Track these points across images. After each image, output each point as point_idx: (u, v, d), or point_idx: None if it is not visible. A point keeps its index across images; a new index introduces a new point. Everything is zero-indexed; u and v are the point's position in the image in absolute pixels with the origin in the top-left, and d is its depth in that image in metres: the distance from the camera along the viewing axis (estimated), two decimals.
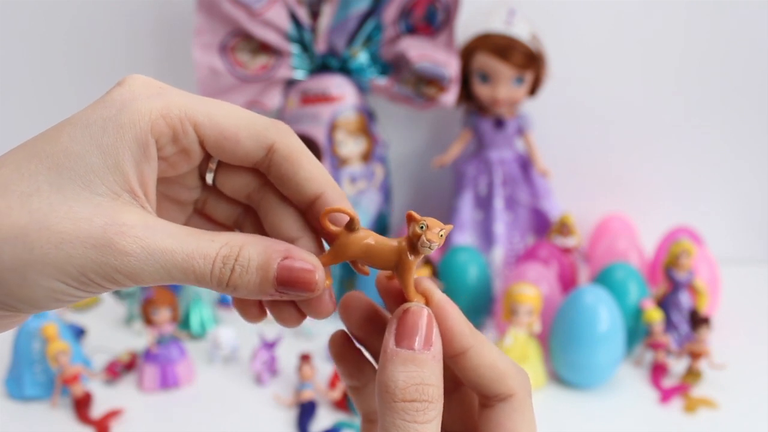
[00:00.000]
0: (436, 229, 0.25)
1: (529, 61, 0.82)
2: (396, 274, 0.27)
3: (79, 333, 0.77)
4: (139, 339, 0.77)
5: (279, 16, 0.80)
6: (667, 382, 0.70)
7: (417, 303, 0.27)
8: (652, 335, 0.71)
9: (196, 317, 0.80)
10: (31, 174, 0.23)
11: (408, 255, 0.26)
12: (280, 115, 0.85)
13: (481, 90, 0.84)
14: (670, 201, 0.98)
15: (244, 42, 0.81)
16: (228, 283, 0.25)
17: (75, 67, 0.92)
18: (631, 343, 0.73)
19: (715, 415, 0.65)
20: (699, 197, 0.98)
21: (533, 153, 0.88)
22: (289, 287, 0.25)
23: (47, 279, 0.23)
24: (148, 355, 0.69)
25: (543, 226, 0.89)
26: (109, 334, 0.80)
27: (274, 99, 0.83)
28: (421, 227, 0.25)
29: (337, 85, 0.82)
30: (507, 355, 0.28)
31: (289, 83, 0.84)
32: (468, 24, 0.85)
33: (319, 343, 0.77)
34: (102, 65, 0.92)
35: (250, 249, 0.25)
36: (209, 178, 0.29)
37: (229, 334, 0.74)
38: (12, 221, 0.23)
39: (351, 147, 0.83)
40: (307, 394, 0.65)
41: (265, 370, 0.70)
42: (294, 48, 0.82)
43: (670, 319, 0.75)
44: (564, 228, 0.85)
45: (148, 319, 0.70)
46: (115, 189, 0.24)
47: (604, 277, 0.76)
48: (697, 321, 0.70)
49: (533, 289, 0.69)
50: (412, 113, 0.94)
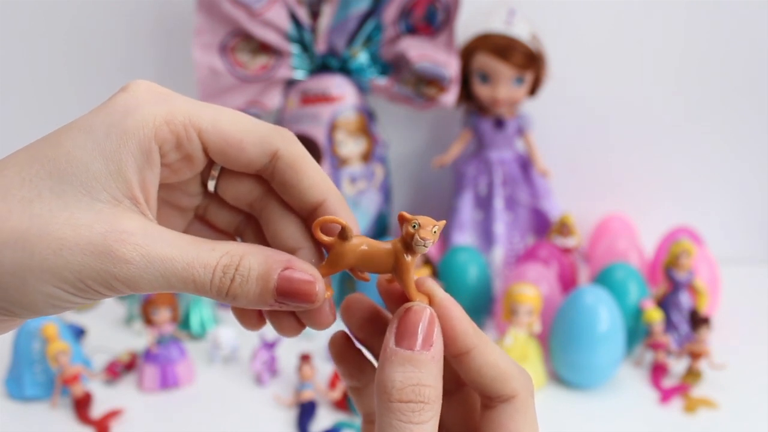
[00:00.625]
0: (428, 227, 0.25)
1: (529, 61, 0.82)
2: (395, 276, 0.27)
3: (79, 333, 0.77)
4: (139, 339, 0.77)
5: (279, 16, 0.80)
6: (667, 382, 0.70)
7: (420, 303, 0.26)
8: (652, 335, 0.71)
9: (196, 317, 0.80)
10: (32, 178, 0.23)
11: (404, 256, 0.26)
12: (280, 115, 0.85)
13: (481, 90, 0.84)
14: (670, 201, 0.98)
15: (244, 42, 0.81)
16: (228, 292, 0.25)
17: (75, 67, 0.92)
18: (631, 343, 0.73)
19: (715, 415, 0.65)
20: (699, 197, 0.98)
21: (533, 153, 0.88)
22: (289, 298, 0.25)
23: (45, 285, 0.23)
24: (148, 355, 0.69)
25: (543, 226, 0.89)
26: (109, 334, 0.80)
27: (274, 99, 0.83)
28: (414, 226, 0.25)
29: (337, 85, 0.82)
30: (510, 356, 0.28)
31: (289, 83, 0.84)
32: (468, 24, 0.85)
33: (319, 343, 0.77)
34: (102, 65, 0.92)
35: (251, 259, 0.25)
36: (211, 185, 0.29)
37: (229, 334, 0.74)
38: (12, 225, 0.23)
39: (351, 147, 0.83)
40: (307, 394, 0.65)
41: (265, 370, 0.70)
42: (294, 48, 0.82)
43: (670, 319, 0.75)
44: (564, 228, 0.85)
45: (148, 319, 0.70)
46: (116, 195, 0.24)
47: (604, 277, 0.76)
48: (697, 321, 0.70)
49: (533, 289, 0.69)
50: (412, 113, 0.94)
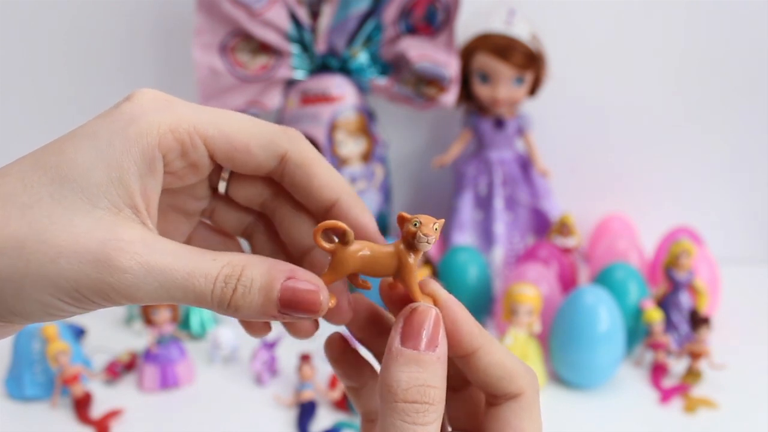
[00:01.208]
0: (430, 224, 0.25)
1: (529, 61, 0.82)
2: (399, 278, 0.26)
3: (79, 333, 0.77)
4: (139, 339, 0.77)
5: (279, 16, 0.80)
6: (667, 382, 0.70)
7: (425, 303, 0.26)
8: (652, 335, 0.71)
9: (196, 317, 0.80)
10: (33, 185, 0.23)
11: (407, 256, 0.26)
12: (280, 115, 0.85)
13: (481, 90, 0.84)
14: (670, 201, 0.98)
15: (244, 42, 0.81)
16: (229, 303, 0.24)
17: (75, 67, 0.92)
18: (631, 343, 0.73)
19: (715, 415, 0.65)
20: (699, 197, 0.98)
21: (533, 153, 0.88)
22: (293, 308, 0.25)
23: (41, 293, 0.22)
24: (148, 355, 0.69)
25: (543, 226, 0.89)
26: (109, 334, 0.80)
27: (274, 99, 0.83)
28: (415, 225, 0.25)
29: (337, 85, 0.82)
30: (515, 355, 0.28)
31: (289, 83, 0.84)
32: (468, 24, 0.85)
33: (319, 343, 0.76)
34: (101, 65, 0.92)
35: (253, 269, 0.24)
36: (222, 186, 0.28)
37: (229, 334, 0.74)
38: (10, 232, 0.22)
39: (351, 147, 0.83)
40: (307, 394, 0.65)
41: (265, 370, 0.70)
42: (294, 48, 0.82)
43: (670, 319, 0.75)
44: (564, 228, 0.85)
45: (148, 319, 0.70)
46: (117, 203, 0.24)
47: (604, 277, 0.76)
48: (697, 321, 0.70)
49: (533, 289, 0.69)
50: (412, 113, 0.94)
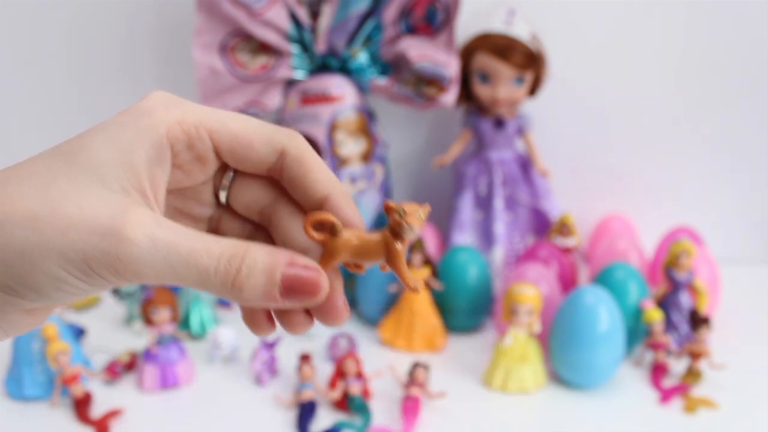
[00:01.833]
0: (414, 213, 0.26)
1: (529, 61, 0.82)
2: (388, 264, 0.27)
3: (79, 333, 0.77)
4: (139, 339, 0.77)
5: (279, 16, 0.80)
6: (667, 382, 0.70)
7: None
8: (652, 335, 0.71)
9: (196, 317, 0.80)
10: (51, 167, 0.25)
11: (394, 244, 0.27)
12: (280, 115, 0.85)
13: (481, 90, 0.84)
14: (670, 201, 0.98)
15: (244, 42, 0.81)
16: (233, 283, 0.25)
17: (75, 67, 0.92)
18: (631, 343, 0.73)
19: (715, 415, 0.65)
20: (699, 197, 0.98)
21: (533, 153, 0.88)
22: (295, 290, 0.25)
23: (51, 265, 0.23)
24: (148, 355, 0.69)
25: (543, 226, 0.89)
26: (109, 334, 0.80)
27: (274, 99, 0.83)
28: (400, 214, 0.26)
29: (337, 85, 0.82)
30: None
31: (289, 83, 0.84)
32: (468, 24, 0.85)
33: (319, 343, 0.77)
34: (101, 65, 0.92)
35: (257, 252, 0.25)
36: (222, 196, 0.30)
37: (229, 334, 0.74)
38: (25, 206, 0.23)
39: (351, 147, 0.83)
40: (307, 394, 0.65)
41: (265, 370, 0.70)
42: (294, 48, 0.82)
43: (670, 319, 0.75)
44: (564, 228, 0.85)
45: (148, 319, 0.70)
46: (125, 186, 0.25)
47: (604, 277, 0.76)
48: (697, 321, 0.70)
49: (533, 289, 0.69)
50: (412, 113, 0.94)
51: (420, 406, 0.64)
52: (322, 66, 0.83)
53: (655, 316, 0.71)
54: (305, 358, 0.67)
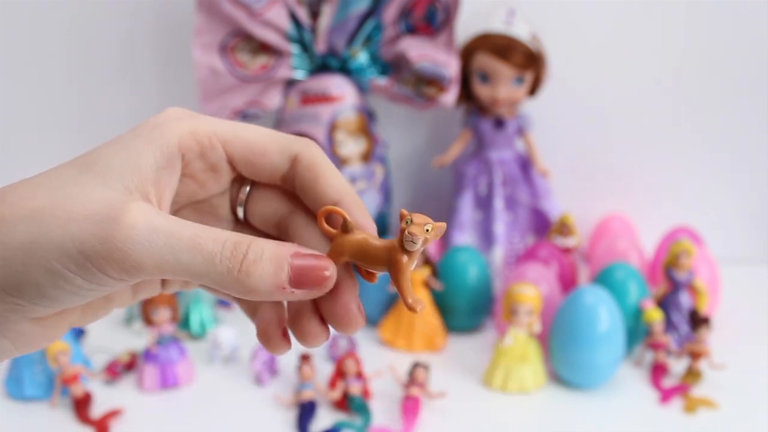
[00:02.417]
0: (420, 225, 0.25)
1: (529, 61, 0.82)
2: (390, 275, 0.26)
3: (79, 333, 0.77)
4: (139, 339, 0.77)
5: (279, 16, 0.80)
6: (667, 382, 0.70)
7: (413, 300, 0.26)
8: (652, 335, 0.71)
9: (196, 317, 0.80)
10: (63, 173, 0.25)
11: (400, 254, 0.25)
12: (280, 115, 0.85)
13: (481, 90, 0.84)
14: (670, 201, 0.98)
15: (244, 42, 0.81)
16: (240, 268, 0.24)
17: (75, 67, 0.92)
18: (631, 343, 0.73)
19: (715, 415, 0.65)
20: (699, 197, 0.98)
21: (533, 153, 0.88)
22: (304, 278, 0.25)
23: (48, 260, 0.23)
24: (148, 355, 0.69)
25: (543, 226, 0.89)
26: (109, 334, 0.80)
27: (274, 99, 0.83)
28: (407, 222, 0.25)
29: (337, 85, 0.82)
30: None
31: (289, 83, 0.84)
32: (468, 24, 0.85)
33: None
34: (101, 65, 0.92)
35: (262, 242, 0.25)
36: (240, 212, 0.30)
37: (229, 334, 0.74)
38: (33, 204, 0.24)
39: (351, 147, 0.83)
40: (307, 394, 0.65)
41: (265, 370, 0.70)
42: (294, 48, 0.82)
43: (670, 319, 0.75)
44: (564, 228, 0.85)
45: (148, 319, 0.70)
46: (128, 186, 0.25)
47: (604, 277, 0.76)
48: (697, 321, 0.70)
49: (533, 289, 0.69)
50: (412, 113, 0.94)
51: (420, 406, 0.64)
52: (322, 66, 0.83)
53: (655, 316, 0.71)
54: (305, 358, 0.67)
